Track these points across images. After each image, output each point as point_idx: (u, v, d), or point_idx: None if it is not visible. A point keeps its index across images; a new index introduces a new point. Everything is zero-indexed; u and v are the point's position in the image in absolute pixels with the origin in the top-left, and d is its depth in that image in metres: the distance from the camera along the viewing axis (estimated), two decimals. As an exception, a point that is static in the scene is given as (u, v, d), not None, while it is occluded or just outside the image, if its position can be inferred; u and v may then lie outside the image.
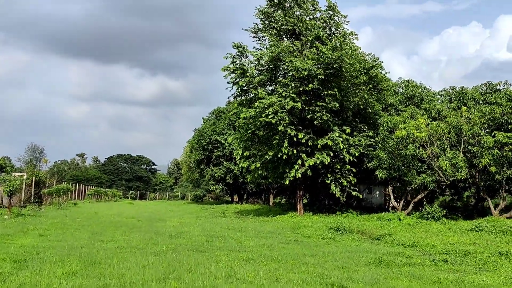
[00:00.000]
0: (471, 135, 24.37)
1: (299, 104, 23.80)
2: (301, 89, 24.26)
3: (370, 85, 27.23)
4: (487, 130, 25.64)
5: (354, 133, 26.52)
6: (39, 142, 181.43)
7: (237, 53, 26.37)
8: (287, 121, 23.68)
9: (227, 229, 18.14)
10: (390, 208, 36.50)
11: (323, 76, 23.62)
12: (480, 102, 28.47)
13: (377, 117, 28.17)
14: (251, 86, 26.91)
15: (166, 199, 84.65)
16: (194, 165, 58.10)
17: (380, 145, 27.03)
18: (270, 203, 49.60)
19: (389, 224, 21.25)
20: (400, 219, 23.13)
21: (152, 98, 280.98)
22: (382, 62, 27.46)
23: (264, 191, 53.30)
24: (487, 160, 23.51)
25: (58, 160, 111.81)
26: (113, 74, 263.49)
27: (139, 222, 21.14)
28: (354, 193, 26.88)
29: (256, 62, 26.77)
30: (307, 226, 19.26)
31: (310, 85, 23.72)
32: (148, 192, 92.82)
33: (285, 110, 23.77)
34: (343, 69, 23.84)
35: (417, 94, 31.89)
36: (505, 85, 28.75)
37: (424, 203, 24.51)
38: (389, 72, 27.75)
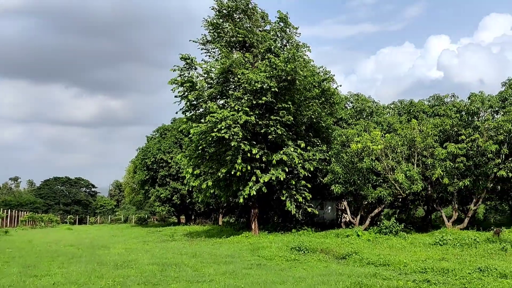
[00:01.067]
0: (424, 147, 24.33)
1: (252, 118, 22.67)
2: (254, 102, 23.18)
3: (323, 98, 26.71)
4: (438, 142, 25.78)
5: (308, 148, 25.75)
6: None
7: (185, 66, 24.93)
8: (240, 136, 22.44)
9: (179, 254, 16.43)
10: (343, 223, 36.13)
11: (276, 89, 22.70)
12: (429, 114, 28.75)
13: (329, 131, 27.62)
14: (200, 100, 25.48)
15: (107, 223, 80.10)
16: (138, 186, 55.24)
17: (334, 159, 26.44)
18: (220, 223, 47.88)
19: (349, 240, 20.41)
20: (358, 235, 22.42)
21: (91, 118, 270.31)
22: (334, 75, 27.12)
23: (213, 211, 51.47)
24: (440, 172, 23.48)
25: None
26: (49, 94, 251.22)
27: (79, 251, 18.89)
28: (309, 210, 25.96)
29: (206, 75, 25.46)
30: (266, 247, 17.94)
31: (264, 98, 22.70)
32: (88, 216, 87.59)
33: (238, 125, 22.53)
34: (296, 81, 23.06)
35: (367, 108, 31.90)
36: (452, 98, 29.33)
37: (382, 217, 23.99)
38: (340, 85, 27.46)
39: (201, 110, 26.20)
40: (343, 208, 35.21)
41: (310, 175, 25.47)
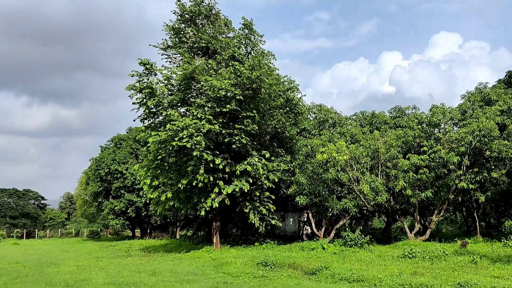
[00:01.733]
0: (388, 158, 24.21)
1: (216, 126, 21.73)
2: (218, 110, 22.27)
3: (287, 108, 26.18)
4: (401, 153, 25.78)
5: (272, 158, 25.06)
6: None
7: (144, 71, 23.70)
8: (203, 145, 21.42)
9: (137, 272, 15.16)
10: (304, 235, 35.67)
11: (241, 97, 21.91)
12: (391, 126, 28.84)
13: (293, 141, 27.08)
14: (160, 107, 24.29)
15: (58, 237, 76.07)
16: (91, 198, 52.68)
17: (298, 170, 25.90)
18: (177, 237, 46.26)
19: (316, 254, 19.75)
20: (324, 248, 21.87)
21: (41, 127, 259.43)
22: (298, 85, 26.64)
23: (171, 224, 49.75)
24: (403, 183, 23.40)
25: None
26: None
27: (26, 269, 17.15)
28: (273, 222, 25.19)
29: (166, 82, 24.32)
30: (231, 262, 16.95)
31: (228, 106, 21.84)
32: (36, 230, 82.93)
33: (201, 133, 21.52)
34: (262, 90, 22.38)
35: (330, 119, 31.72)
36: (414, 109, 29.58)
37: (347, 229, 23.57)
38: (305, 95, 27.00)
39: (160, 118, 25.00)
40: (306, 220, 34.81)
41: (273, 186, 24.76)
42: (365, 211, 27.06)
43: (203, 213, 22.78)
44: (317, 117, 32.00)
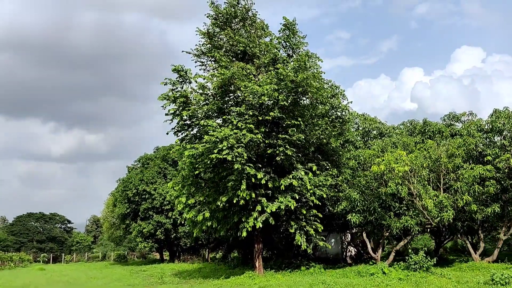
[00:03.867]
0: (451, 169, 21.44)
1: (259, 136, 19.45)
2: (260, 118, 20.02)
3: (333, 116, 23.79)
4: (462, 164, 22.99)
5: (317, 172, 22.56)
6: None
7: (178, 78, 21.76)
8: (245, 157, 19.14)
9: (180, 305, 12.78)
10: (348, 257, 32.78)
11: (285, 103, 19.63)
12: (446, 135, 26.03)
13: (340, 153, 24.56)
14: (195, 118, 22.23)
15: (84, 261, 74.47)
16: (118, 220, 50.76)
17: (345, 185, 23.31)
18: (208, 260, 43.82)
19: (380, 281, 17.01)
20: (384, 273, 19.08)
21: (67, 152, 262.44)
22: (344, 90, 24.18)
23: (201, 246, 47.32)
24: (468, 197, 20.57)
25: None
26: (26, 129, 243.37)
27: (49, 302, 15.00)
28: (321, 244, 22.56)
29: (201, 91, 22.28)
30: (286, 292, 14.40)
31: (271, 113, 19.57)
32: (63, 254, 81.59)
33: (242, 144, 19.27)
34: (309, 94, 20.07)
35: (375, 129, 29.16)
36: (470, 115, 26.78)
37: (410, 251, 20.70)
38: (351, 102, 24.41)
39: (195, 130, 22.94)
40: (350, 240, 31.96)
41: (319, 204, 22.22)
42: (429, 230, 24.09)
43: (244, 234, 20.33)
44: (361, 128, 29.45)
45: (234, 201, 19.92)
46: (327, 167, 23.42)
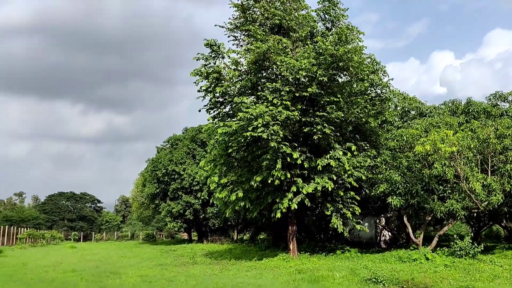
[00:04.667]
0: (500, 150, 20.02)
1: (295, 113, 18.49)
2: (296, 94, 19.02)
3: (372, 94, 22.56)
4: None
5: (355, 153, 21.46)
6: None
7: (211, 53, 20.91)
8: (281, 135, 18.24)
9: (217, 288, 12.15)
10: (382, 242, 31.75)
11: (325, 78, 18.54)
12: (494, 114, 24.42)
13: (380, 132, 23.37)
14: (227, 95, 21.40)
15: (114, 240, 75.70)
16: (148, 200, 50.94)
17: (384, 166, 22.16)
18: (237, 241, 43.47)
19: (426, 267, 15.99)
20: (427, 258, 18.03)
21: (96, 134, 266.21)
22: (385, 66, 22.78)
23: (230, 227, 47.03)
24: (518, 180, 19.16)
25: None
26: (56, 110, 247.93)
27: (82, 281, 14.62)
28: (358, 227, 21.59)
29: (234, 66, 21.37)
30: (327, 277, 13.58)
31: (310, 89, 18.54)
32: (93, 233, 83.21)
33: (278, 122, 18.36)
34: (350, 69, 18.91)
35: (414, 108, 27.74)
36: (518, 95, 25.06)
37: (455, 236, 19.54)
38: (392, 79, 23.00)
39: (227, 108, 22.14)
40: (384, 224, 30.88)
41: (356, 186, 21.21)
42: (475, 214, 22.81)
43: (278, 215, 19.55)
44: (399, 107, 28.06)
45: (269, 181, 19.11)
46: (365, 148, 22.30)
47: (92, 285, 13.47)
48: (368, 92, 22.44)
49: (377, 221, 31.73)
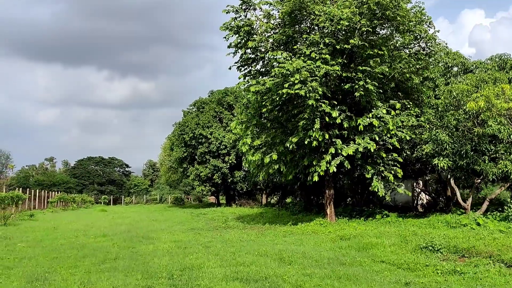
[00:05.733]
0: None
1: (336, 67, 16.99)
2: (337, 47, 17.44)
3: (416, 47, 20.74)
4: None
5: (397, 111, 19.90)
6: (6, 147, 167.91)
7: (241, 5, 19.38)
8: (319, 92, 16.84)
9: (259, 256, 11.20)
10: (419, 206, 30.48)
11: (370, 28, 16.85)
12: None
13: (424, 89, 21.66)
14: (258, 51, 19.97)
15: (143, 203, 76.73)
16: (175, 164, 50.66)
17: (427, 125, 20.59)
18: (267, 205, 42.88)
19: (480, 233, 14.69)
20: (479, 224, 16.70)
21: (122, 100, 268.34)
22: (431, 17, 20.73)
23: (259, 191, 46.40)
24: None
25: (26, 166, 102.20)
26: (82, 77, 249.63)
27: (114, 246, 13.96)
28: (400, 191, 20.36)
29: (266, 20, 19.83)
30: (376, 244, 12.48)
31: (352, 41, 16.93)
32: (122, 196, 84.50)
33: (316, 78, 16.92)
34: (398, 18, 17.14)
35: (458, 64, 25.68)
36: None
37: (509, 200, 18.11)
38: (438, 31, 20.98)
39: (259, 66, 20.76)
40: (423, 187, 29.53)
41: (398, 147, 19.80)
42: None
43: (316, 178, 18.38)
44: (441, 63, 26.02)
45: (306, 143, 17.86)
46: (408, 106, 20.69)
47: (124, 251, 12.76)
48: (412, 45, 20.60)
49: (414, 184, 30.37)
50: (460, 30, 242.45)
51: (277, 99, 17.92)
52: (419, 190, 30.02)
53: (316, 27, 18.54)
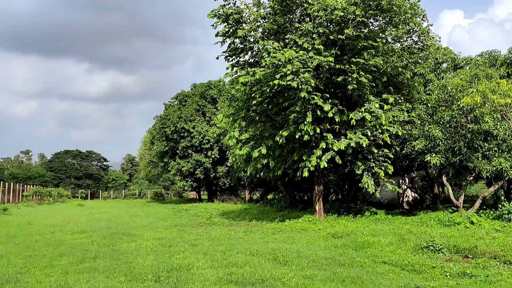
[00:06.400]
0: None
1: (330, 59, 16.30)
2: (331, 37, 16.75)
3: (409, 41, 20.23)
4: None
5: (388, 106, 19.36)
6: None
7: (231, -8, 18.53)
8: (312, 84, 16.14)
9: (250, 255, 10.45)
10: (405, 203, 30.20)
11: (365, 19, 16.23)
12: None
13: (416, 85, 21.21)
14: (246, 42, 19.16)
15: (121, 198, 75.07)
16: (156, 158, 49.39)
17: (418, 121, 20.18)
18: (249, 201, 42.17)
19: (476, 231, 14.25)
20: (472, 222, 16.32)
21: (102, 93, 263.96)
22: (425, 10, 20.20)
23: (243, 187, 45.60)
24: None
25: (0, 158, 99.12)
26: (61, 69, 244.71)
27: (93, 244, 13.02)
28: (390, 187, 19.86)
29: (256, 8, 19.02)
30: (373, 243, 11.86)
31: (347, 31, 16.26)
32: (100, 191, 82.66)
33: (309, 69, 16.22)
34: (394, 8, 16.55)
35: (448, 60, 25.39)
36: None
37: (502, 198, 17.80)
38: (432, 25, 20.52)
39: (247, 56, 19.95)
40: (409, 185, 29.26)
41: (389, 142, 19.26)
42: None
43: (306, 173, 17.73)
44: (431, 59, 25.64)
45: (297, 137, 17.17)
46: (399, 101, 20.20)
47: (104, 249, 11.86)
48: (405, 38, 20.08)
49: (400, 181, 30.09)
50: (440, 31, 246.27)
51: (268, 90, 17.17)
52: (405, 187, 29.74)
53: (307, 17, 17.81)
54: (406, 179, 30.16)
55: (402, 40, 20.06)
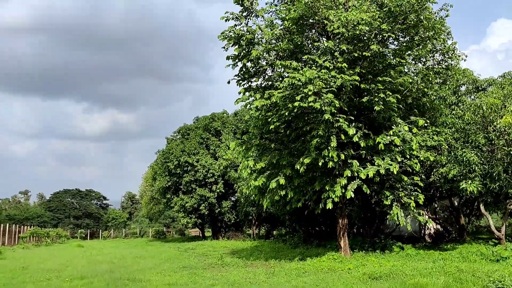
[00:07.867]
0: None
1: (356, 77, 14.81)
2: (355, 54, 15.32)
3: (433, 60, 18.86)
4: None
5: (415, 130, 17.72)
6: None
7: (242, 12, 17.26)
8: (336, 105, 14.59)
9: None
10: (427, 236, 28.26)
11: (392, 34, 14.85)
12: None
13: (442, 106, 19.73)
14: (258, 65, 17.74)
15: (122, 238, 72.39)
16: (159, 194, 47.37)
17: (445, 145, 18.57)
18: (255, 237, 40.02)
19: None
20: (523, 257, 14.42)
21: (101, 132, 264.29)
22: (449, 28, 18.73)
23: (249, 222, 43.46)
24: None
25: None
26: (60, 109, 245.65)
27: (94, 293, 11.08)
28: (421, 219, 18.04)
29: (269, 29, 17.67)
30: (425, 285, 9.98)
31: (373, 47, 14.83)
32: (100, 230, 79.98)
33: (332, 89, 14.70)
34: (423, 22, 15.19)
35: (470, 82, 24.05)
36: None
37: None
38: (456, 42, 19.08)
39: (260, 80, 18.48)
40: (432, 216, 27.33)
41: (417, 169, 17.51)
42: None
43: (330, 205, 15.88)
44: (449, 82, 24.29)
45: (320, 164, 15.45)
46: (425, 125, 18.59)
47: (108, 300, 9.94)
48: (428, 57, 18.71)
49: (421, 212, 28.23)
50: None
51: (286, 114, 15.57)
52: (426, 219, 27.85)
53: (325, 35, 16.47)
54: (427, 210, 28.31)
55: (425, 59, 18.69)
